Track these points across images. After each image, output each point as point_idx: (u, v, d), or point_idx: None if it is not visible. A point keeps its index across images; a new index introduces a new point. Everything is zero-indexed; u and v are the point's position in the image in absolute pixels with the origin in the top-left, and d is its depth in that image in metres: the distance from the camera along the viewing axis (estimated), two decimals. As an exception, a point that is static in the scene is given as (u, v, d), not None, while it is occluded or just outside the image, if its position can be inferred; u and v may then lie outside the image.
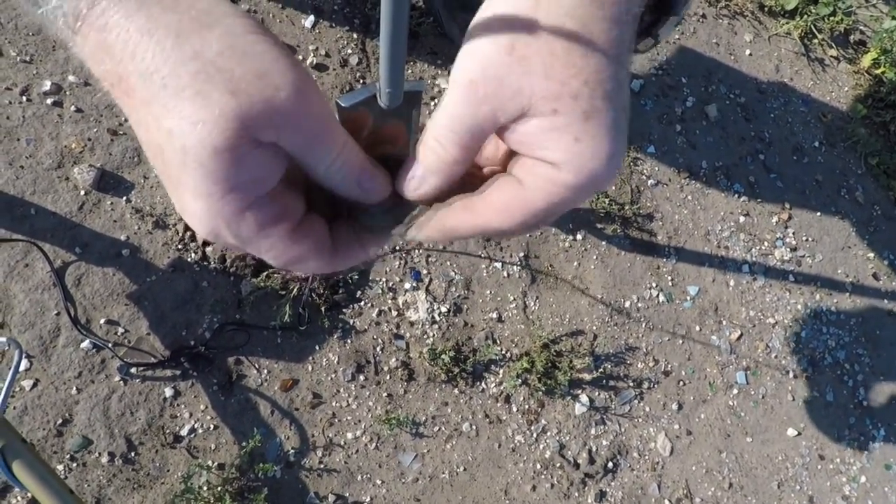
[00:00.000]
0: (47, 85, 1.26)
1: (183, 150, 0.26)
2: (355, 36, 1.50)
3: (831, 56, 1.95)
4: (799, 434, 1.64)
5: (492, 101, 0.29)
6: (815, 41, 1.94)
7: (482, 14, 0.31)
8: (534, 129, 0.29)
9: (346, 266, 0.34)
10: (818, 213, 1.81)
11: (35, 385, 1.16)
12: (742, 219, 1.73)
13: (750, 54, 1.86)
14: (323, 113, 0.29)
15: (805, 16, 1.89)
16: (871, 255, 1.84)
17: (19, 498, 1.12)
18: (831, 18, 1.91)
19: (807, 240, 1.78)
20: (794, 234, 1.77)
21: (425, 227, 0.34)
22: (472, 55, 0.29)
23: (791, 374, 1.67)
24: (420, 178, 0.33)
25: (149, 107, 0.26)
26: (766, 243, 1.74)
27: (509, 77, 0.28)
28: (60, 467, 1.14)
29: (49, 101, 1.26)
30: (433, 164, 0.32)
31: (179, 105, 0.25)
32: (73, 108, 1.27)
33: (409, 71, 1.54)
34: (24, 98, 1.25)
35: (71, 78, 1.29)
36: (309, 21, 1.47)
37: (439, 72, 1.56)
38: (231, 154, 0.26)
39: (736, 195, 1.74)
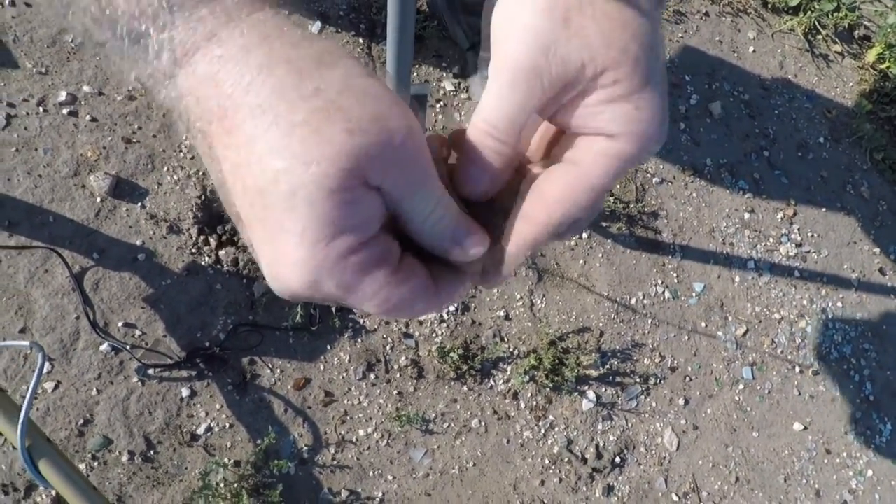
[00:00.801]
0: (63, 95, 1.29)
1: (291, 192, 0.24)
2: (361, 41, 1.53)
3: (836, 52, 1.95)
4: (805, 428, 1.65)
5: (556, 84, 0.27)
6: (820, 37, 1.94)
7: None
8: (593, 103, 0.28)
9: (449, 305, 0.33)
10: (823, 209, 1.81)
11: (57, 387, 1.20)
12: (747, 215, 1.74)
13: (753, 51, 1.86)
14: (428, 160, 0.27)
15: (809, 12, 1.89)
16: (877, 250, 1.84)
17: (44, 496, 1.16)
18: (835, 14, 1.91)
19: (812, 236, 1.79)
20: (799, 230, 1.77)
21: (509, 263, 0.32)
22: (526, 33, 0.27)
23: (797, 370, 1.68)
24: (488, 182, 0.31)
25: (253, 146, 0.24)
26: (771, 239, 1.74)
27: (571, 54, 0.27)
28: (82, 466, 1.18)
29: (65, 111, 1.30)
30: (498, 162, 0.30)
31: (292, 144, 0.24)
32: (88, 117, 1.31)
33: (415, 74, 1.56)
34: (41, 108, 1.28)
35: (86, 88, 1.32)
36: (315, 27, 1.50)
37: (444, 74, 1.58)
38: (344, 195, 0.24)
39: (741, 192, 1.75)
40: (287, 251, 0.25)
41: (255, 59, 0.24)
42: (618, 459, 1.49)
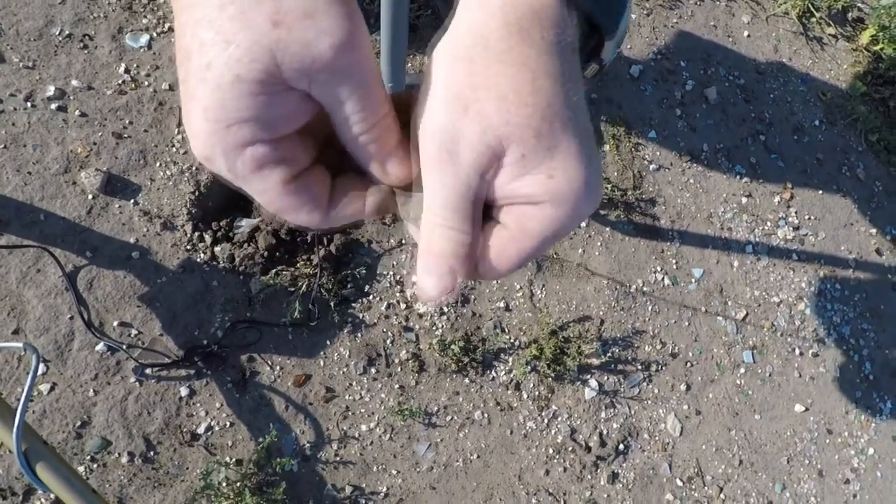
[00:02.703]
0: (51, 90, 1.26)
1: (207, 66, 0.24)
2: (354, 30, 1.50)
3: (829, 34, 1.95)
4: (806, 410, 1.65)
5: (474, 166, 0.29)
6: (813, 20, 1.93)
7: (425, 74, 0.30)
8: (507, 179, 0.29)
9: (337, 225, 0.33)
10: (820, 192, 1.82)
11: (52, 389, 1.18)
12: (744, 200, 1.73)
13: (748, 35, 1.86)
14: (368, 73, 0.27)
15: (802, -6, 1.89)
16: (874, 230, 1.85)
17: (43, 500, 1.13)
18: (828, -4, 1.91)
19: (809, 218, 1.79)
20: (796, 213, 1.78)
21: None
22: (434, 132, 0.28)
23: (797, 352, 1.68)
24: (446, 273, 0.31)
25: (192, 10, 0.25)
26: (768, 223, 1.74)
27: (476, 138, 0.28)
28: (81, 469, 1.16)
29: (53, 106, 1.26)
30: (452, 249, 0.31)
31: (220, 19, 0.24)
32: (77, 112, 1.28)
33: (409, 64, 1.54)
34: (29, 104, 1.25)
35: (74, 82, 1.29)
36: (307, 17, 1.47)
37: (439, 63, 1.56)
38: (252, 87, 0.24)
39: (738, 176, 1.74)
40: (192, 119, 0.26)
41: None
42: (622, 447, 1.49)
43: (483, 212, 0.33)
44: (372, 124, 0.28)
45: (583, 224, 1.57)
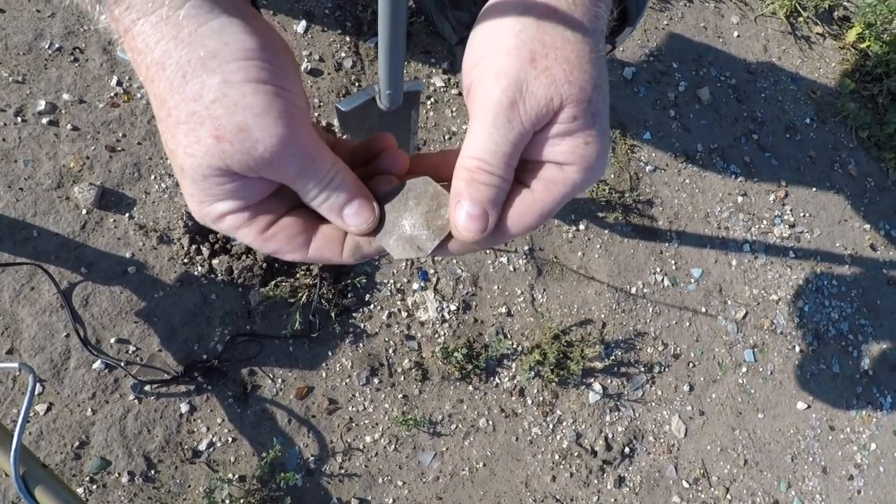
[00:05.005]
0: (42, 104, 1.24)
1: (181, 168, 0.31)
2: (348, 39, 1.50)
3: (817, 33, 1.97)
4: (808, 407, 1.66)
5: (531, 117, 0.31)
6: (801, 19, 1.96)
7: (485, 28, 0.32)
8: (550, 135, 0.32)
9: (323, 263, 0.37)
10: (814, 189, 1.83)
11: (49, 409, 1.15)
12: (740, 199, 1.74)
13: (738, 36, 1.87)
14: (305, 157, 0.31)
15: (788, -6, 1.91)
16: (868, 226, 1.86)
17: (41, 524, 1.10)
18: (814, -4, 1.93)
19: (804, 215, 1.80)
20: (791, 210, 1.79)
21: (449, 248, 0.36)
22: (499, 74, 0.31)
23: (797, 349, 1.69)
24: (480, 216, 0.33)
25: (160, 123, 0.31)
26: (764, 221, 1.75)
27: (540, 90, 0.31)
28: (80, 490, 1.13)
29: (44, 120, 1.24)
30: (491, 195, 0.33)
31: (177, 135, 0.30)
32: (69, 126, 1.26)
33: (404, 71, 1.53)
34: (19, 119, 1.23)
35: (65, 96, 1.27)
36: (301, 26, 1.46)
37: (433, 70, 1.55)
38: (217, 180, 0.31)
39: (733, 176, 1.75)
40: (186, 199, 0.33)
41: (154, 57, 0.30)
42: (627, 450, 1.48)
43: None
44: (321, 190, 0.33)
45: (582, 227, 1.57)
